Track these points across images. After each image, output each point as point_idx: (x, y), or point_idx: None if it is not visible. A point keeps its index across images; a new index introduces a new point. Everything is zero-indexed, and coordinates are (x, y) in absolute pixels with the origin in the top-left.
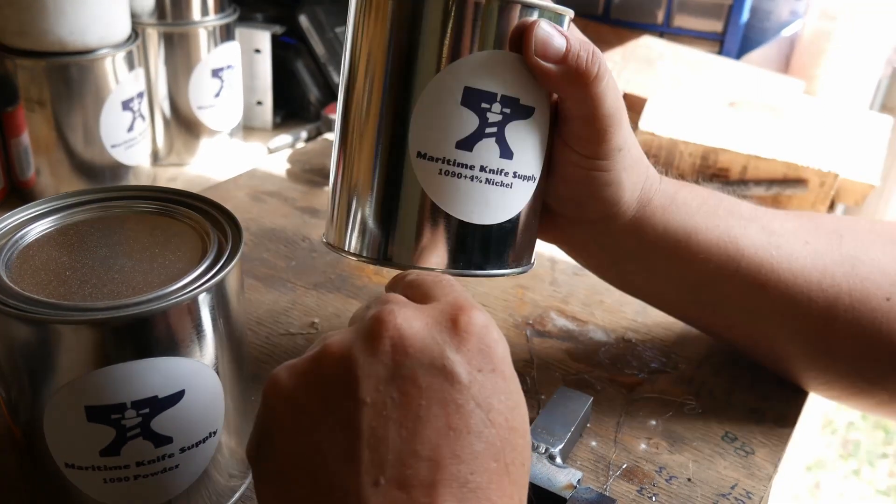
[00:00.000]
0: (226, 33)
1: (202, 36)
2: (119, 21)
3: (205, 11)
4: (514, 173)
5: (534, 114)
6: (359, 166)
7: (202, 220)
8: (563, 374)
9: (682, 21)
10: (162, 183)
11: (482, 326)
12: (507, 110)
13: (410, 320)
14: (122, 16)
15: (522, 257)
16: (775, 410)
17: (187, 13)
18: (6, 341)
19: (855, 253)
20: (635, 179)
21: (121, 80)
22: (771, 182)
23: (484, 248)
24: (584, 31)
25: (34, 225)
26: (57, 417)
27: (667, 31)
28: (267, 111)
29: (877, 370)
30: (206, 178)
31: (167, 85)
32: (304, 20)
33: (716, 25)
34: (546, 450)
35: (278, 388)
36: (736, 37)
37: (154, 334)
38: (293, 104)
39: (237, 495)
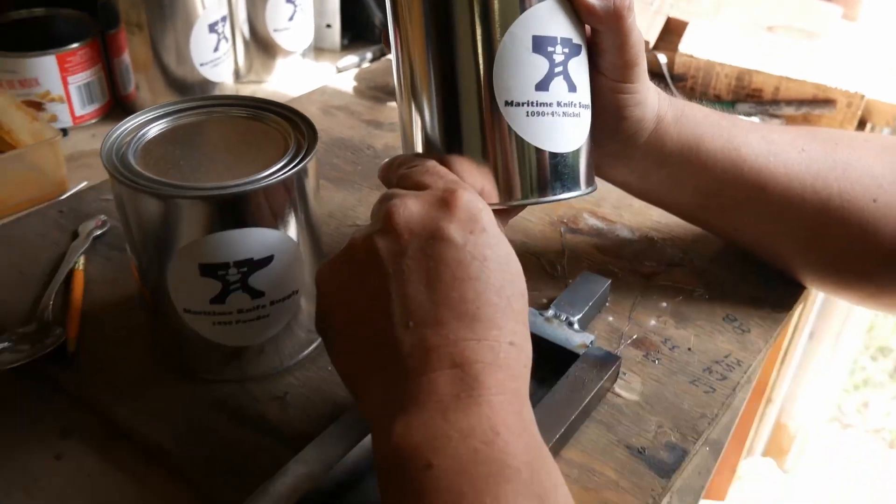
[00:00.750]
0: None
1: None
2: None
3: None
4: (579, 103)
5: (582, 50)
6: (459, 132)
7: (284, 124)
8: (589, 264)
9: None
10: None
11: (468, 200)
12: (566, 50)
13: (411, 208)
14: None
15: (592, 178)
16: (774, 299)
17: None
18: (138, 216)
19: (846, 159)
20: (650, 104)
21: (207, 5)
22: (801, 102)
23: (570, 173)
24: None
25: (150, 126)
26: (177, 274)
27: None
28: (335, 33)
29: (864, 265)
30: (282, 94)
31: (246, 10)
32: None
33: None
34: (566, 318)
35: (325, 276)
36: None
37: (250, 209)
38: (359, 27)
39: (312, 347)
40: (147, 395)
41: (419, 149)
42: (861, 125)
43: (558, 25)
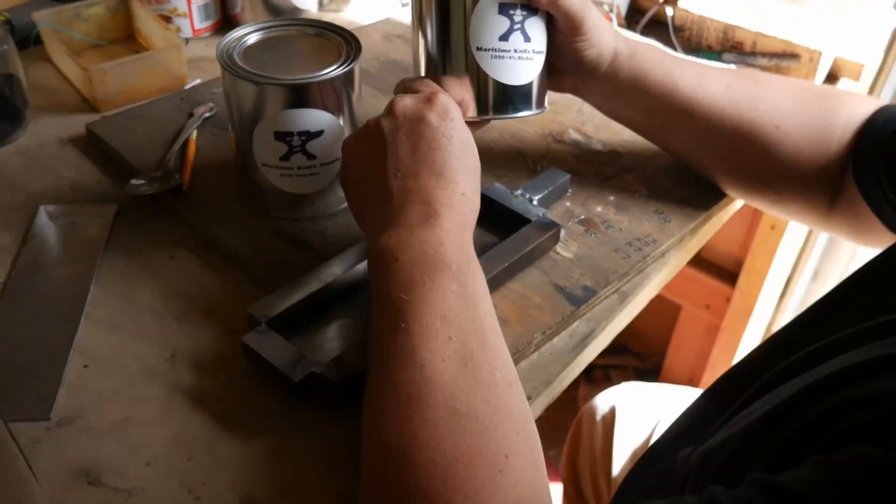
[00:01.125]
0: None
1: None
2: None
3: None
4: (533, 51)
5: (538, 12)
6: (447, 63)
7: (340, 41)
8: (563, 165)
9: None
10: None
11: (444, 100)
12: (525, 13)
13: (406, 102)
14: None
15: (542, 103)
16: (696, 201)
17: None
18: (238, 97)
19: (761, 95)
20: (605, 45)
21: None
22: (773, 55)
23: (522, 99)
24: None
25: (249, 36)
26: (259, 138)
27: None
28: None
29: (766, 177)
30: (354, 21)
31: None
32: None
33: None
34: (529, 197)
35: (348, 144)
36: None
37: (310, 95)
38: None
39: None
40: (232, 222)
41: (422, 72)
42: (832, 78)
43: None
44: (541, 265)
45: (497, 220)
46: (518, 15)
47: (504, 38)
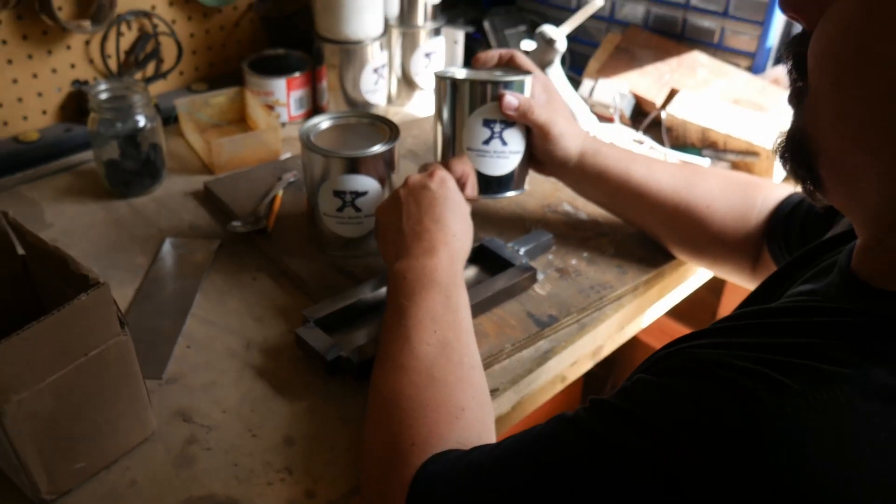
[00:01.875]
0: (436, 32)
1: (422, 34)
2: (377, 25)
3: (424, 18)
4: (509, 151)
5: (515, 124)
6: (452, 153)
7: (386, 128)
8: (552, 228)
9: (730, 40)
10: (390, 115)
11: (442, 173)
12: (503, 125)
13: (416, 176)
14: (378, 22)
15: (520, 186)
16: (651, 260)
17: (414, 20)
18: (312, 167)
19: (696, 182)
20: (572, 148)
21: (374, 56)
22: (739, 152)
23: (501, 185)
24: (657, 46)
25: (322, 123)
26: (323, 195)
27: (719, 47)
28: None
29: (700, 244)
30: (412, 114)
31: (399, 59)
32: (486, 24)
33: (751, 45)
34: (518, 249)
35: (380, 208)
36: (763, 56)
37: (360, 165)
38: None
39: None
40: (300, 256)
41: (438, 156)
42: None
43: (498, 114)
44: (520, 298)
45: (491, 264)
46: (497, 126)
47: (486, 142)
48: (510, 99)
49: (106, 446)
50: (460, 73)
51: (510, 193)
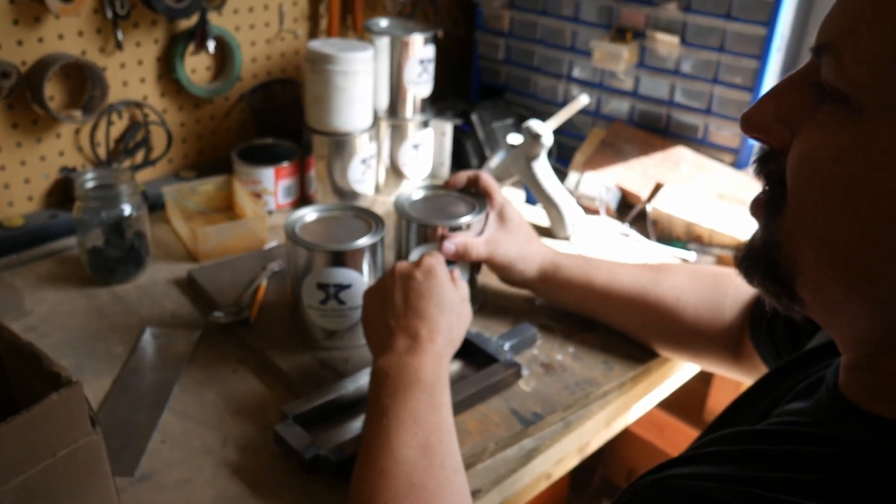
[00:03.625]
0: (424, 124)
1: (410, 126)
2: (366, 117)
3: (413, 111)
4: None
5: (456, 263)
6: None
7: (371, 220)
8: (539, 322)
9: (713, 136)
10: (376, 205)
11: (430, 264)
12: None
13: (403, 265)
14: (368, 114)
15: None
16: (636, 356)
17: (403, 112)
18: (296, 259)
19: (661, 278)
20: (528, 271)
21: (363, 147)
22: (723, 246)
23: None
24: (642, 140)
25: (308, 215)
26: (306, 287)
27: (703, 143)
28: (446, 168)
29: (676, 339)
30: None
31: (388, 150)
32: (474, 117)
33: (734, 141)
34: (502, 343)
35: (365, 295)
36: (746, 151)
37: (344, 259)
38: (463, 164)
39: None
40: (282, 348)
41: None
42: None
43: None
44: (504, 395)
45: (475, 358)
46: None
47: None
48: (447, 246)
49: None
50: (417, 194)
51: None
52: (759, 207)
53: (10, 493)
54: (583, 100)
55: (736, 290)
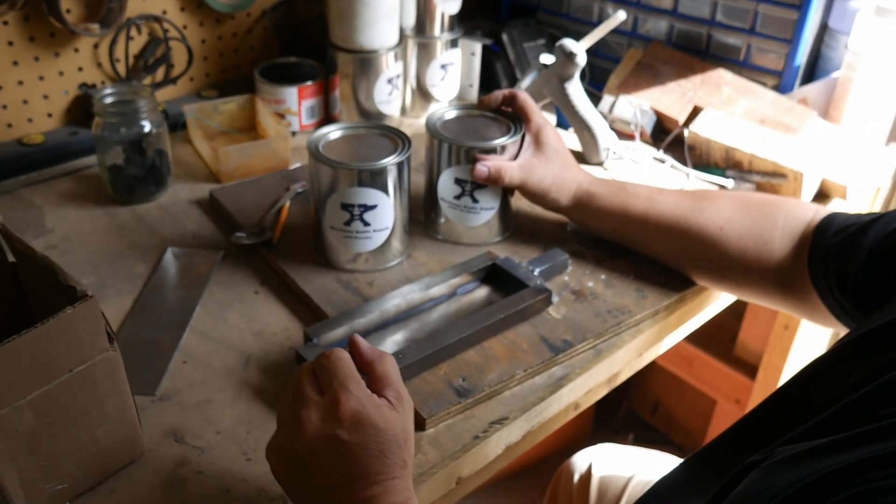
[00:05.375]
0: (453, 43)
1: (438, 45)
2: (392, 34)
3: (441, 29)
4: (480, 207)
5: (487, 186)
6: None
7: (397, 139)
8: (569, 249)
9: (756, 58)
10: (402, 127)
11: (351, 407)
12: (473, 186)
13: (313, 421)
14: (394, 31)
15: (494, 236)
16: (672, 284)
17: (431, 30)
18: (319, 178)
19: (704, 206)
20: (563, 197)
21: (389, 66)
22: (765, 173)
23: (474, 236)
24: (680, 62)
25: (332, 133)
26: (330, 207)
27: (745, 65)
28: (474, 91)
29: (718, 269)
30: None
31: (415, 70)
32: (505, 36)
33: (778, 64)
34: (532, 269)
35: (279, 473)
36: (791, 75)
37: (369, 177)
38: (492, 87)
39: (395, 262)
40: (305, 270)
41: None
42: (822, 196)
43: (469, 174)
44: (533, 321)
45: (504, 284)
46: (468, 185)
47: (457, 197)
48: (480, 169)
49: (90, 467)
50: (450, 114)
51: (477, 244)
52: None
53: (26, 407)
54: (620, 16)
55: (786, 219)
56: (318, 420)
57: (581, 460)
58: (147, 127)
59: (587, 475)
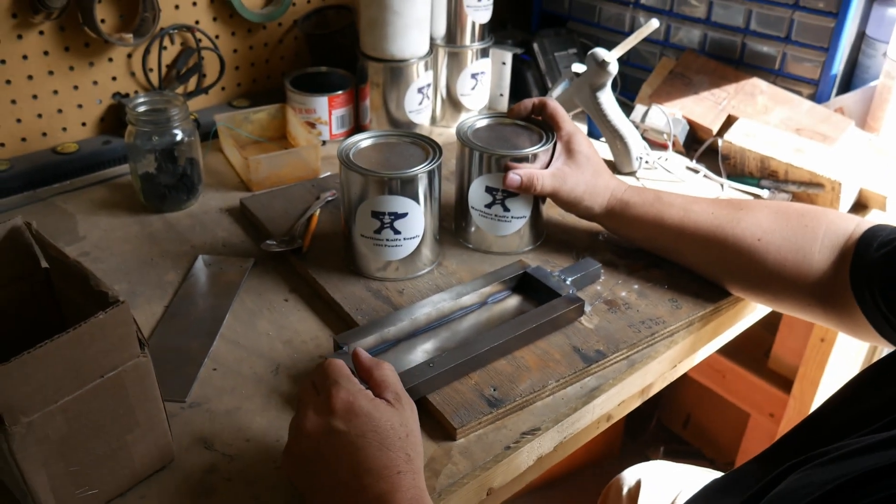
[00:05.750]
0: (483, 52)
1: (469, 54)
2: (423, 44)
3: (472, 39)
4: (512, 216)
5: (519, 195)
6: (461, 210)
7: (429, 148)
8: (602, 257)
9: (791, 67)
10: (432, 136)
11: (342, 397)
12: (504, 194)
13: (311, 419)
14: (425, 41)
15: (525, 245)
16: (706, 295)
17: (462, 40)
18: (348, 185)
19: (741, 216)
20: (596, 206)
21: (420, 76)
22: (801, 183)
23: (502, 245)
24: (713, 71)
25: (363, 141)
26: (360, 216)
27: (780, 74)
28: (505, 100)
29: (756, 280)
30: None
31: (445, 80)
32: (536, 46)
33: (814, 73)
34: (564, 278)
35: (289, 470)
36: (827, 83)
37: (400, 185)
38: (522, 96)
39: (425, 270)
40: (335, 278)
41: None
42: (860, 207)
43: (502, 182)
44: (565, 331)
45: (536, 293)
46: (500, 194)
47: (488, 206)
48: (512, 177)
49: (120, 473)
50: (481, 122)
51: (506, 253)
52: None
53: (57, 413)
54: (653, 24)
55: (827, 231)
56: (314, 416)
57: (630, 476)
58: (179, 136)
59: (636, 490)
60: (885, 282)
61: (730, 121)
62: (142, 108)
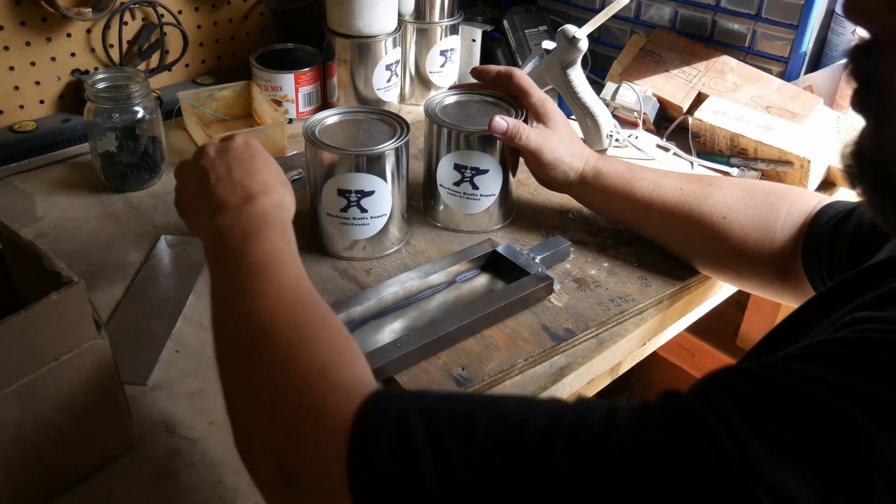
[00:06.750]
0: (453, 29)
1: (438, 30)
2: (391, 19)
3: (441, 15)
4: (480, 195)
5: (488, 172)
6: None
7: (396, 125)
8: (572, 234)
9: (762, 45)
10: (402, 114)
11: (241, 137)
12: (473, 172)
13: (214, 144)
14: (393, 16)
15: (494, 224)
16: (675, 273)
17: (430, 16)
18: (315, 164)
19: (710, 193)
20: (570, 171)
21: (388, 52)
22: (770, 160)
23: (472, 223)
24: (684, 48)
25: (329, 118)
26: (326, 194)
27: (750, 51)
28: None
29: (720, 258)
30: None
31: (414, 57)
32: (506, 23)
33: (784, 50)
34: (533, 256)
35: (178, 178)
36: (797, 61)
37: (367, 163)
38: None
39: (392, 250)
40: (302, 258)
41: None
42: (828, 185)
43: (471, 159)
44: (534, 310)
45: (504, 272)
46: (468, 172)
47: (457, 184)
48: (498, 121)
49: (79, 459)
50: (450, 98)
51: (483, 230)
52: (862, 106)
53: (10, 397)
54: (622, 1)
55: (790, 208)
56: (216, 143)
57: None
58: (140, 113)
59: None
60: (828, 254)
61: (700, 98)
62: (101, 85)
